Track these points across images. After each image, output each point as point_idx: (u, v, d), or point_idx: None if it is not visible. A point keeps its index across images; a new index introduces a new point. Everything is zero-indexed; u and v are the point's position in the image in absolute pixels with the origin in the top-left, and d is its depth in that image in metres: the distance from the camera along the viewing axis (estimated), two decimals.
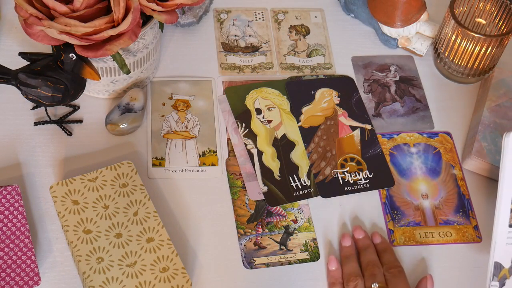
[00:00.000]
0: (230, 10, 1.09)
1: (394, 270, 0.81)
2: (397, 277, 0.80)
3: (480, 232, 0.89)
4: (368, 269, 0.81)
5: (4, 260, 0.77)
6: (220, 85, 0.99)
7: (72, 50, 0.84)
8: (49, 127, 0.92)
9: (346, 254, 0.84)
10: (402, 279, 0.80)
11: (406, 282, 0.81)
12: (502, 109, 0.97)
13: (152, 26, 0.90)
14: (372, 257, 0.83)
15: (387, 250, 0.84)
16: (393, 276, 0.81)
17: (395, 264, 0.82)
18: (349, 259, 0.84)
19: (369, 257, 0.83)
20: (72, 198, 0.81)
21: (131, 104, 0.92)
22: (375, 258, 0.83)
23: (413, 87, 1.03)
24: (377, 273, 0.81)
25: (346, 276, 0.82)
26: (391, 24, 1.03)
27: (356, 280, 0.80)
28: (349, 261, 0.83)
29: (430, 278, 0.83)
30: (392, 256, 0.84)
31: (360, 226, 0.87)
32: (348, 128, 0.96)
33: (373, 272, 0.81)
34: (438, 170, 0.94)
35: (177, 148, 0.92)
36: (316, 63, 1.04)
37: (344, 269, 0.83)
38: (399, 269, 0.82)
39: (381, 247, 0.85)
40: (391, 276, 0.81)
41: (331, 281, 0.83)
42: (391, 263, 0.82)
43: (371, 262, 0.82)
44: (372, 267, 0.82)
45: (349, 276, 0.81)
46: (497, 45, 0.97)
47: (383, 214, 0.90)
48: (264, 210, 0.88)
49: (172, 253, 0.78)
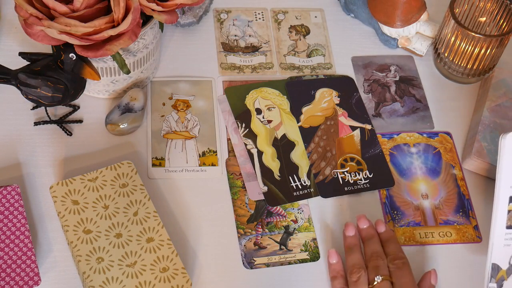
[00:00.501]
0: (230, 10, 1.09)
1: (398, 261, 0.80)
2: (401, 269, 0.79)
3: (480, 232, 0.89)
4: (372, 261, 0.80)
5: (4, 260, 0.77)
6: (220, 85, 0.99)
7: (72, 50, 0.84)
8: (49, 127, 0.92)
9: (349, 245, 0.83)
10: (406, 271, 0.79)
11: (410, 274, 0.79)
12: (502, 109, 0.97)
13: (152, 26, 0.90)
14: (376, 247, 0.82)
15: (391, 239, 0.83)
16: (397, 268, 0.79)
17: (399, 255, 0.81)
18: (353, 250, 0.82)
19: (373, 248, 0.82)
20: (72, 198, 0.81)
21: (131, 104, 0.92)
22: (379, 249, 0.82)
23: (413, 87, 1.03)
24: (380, 265, 0.79)
25: (349, 267, 0.80)
26: (391, 24, 1.03)
27: (360, 272, 0.79)
28: (353, 252, 0.82)
29: (434, 272, 0.82)
30: (397, 247, 0.82)
31: (364, 215, 0.86)
32: (348, 128, 0.96)
33: (377, 264, 0.79)
34: (438, 170, 0.94)
35: (177, 148, 0.92)
36: (316, 63, 1.04)
37: (348, 260, 0.82)
38: (403, 260, 0.80)
39: (385, 236, 0.84)
40: (395, 268, 0.79)
41: (332, 274, 0.82)
42: (395, 254, 0.81)
43: (375, 253, 0.81)
44: (376, 258, 0.80)
45: (352, 268, 0.80)
46: (497, 45, 0.97)
47: (383, 214, 0.90)
48: (264, 210, 0.88)
49: (172, 253, 0.78)
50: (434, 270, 0.82)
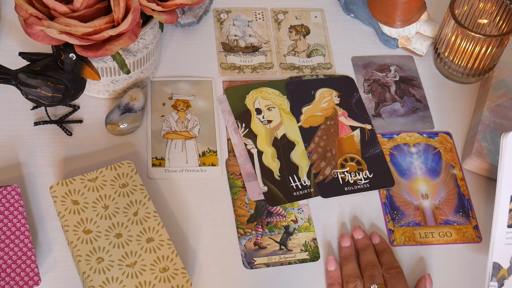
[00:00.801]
0: (230, 10, 1.09)
1: (393, 271, 0.81)
2: (396, 278, 0.81)
3: (480, 232, 0.89)
4: (367, 270, 0.81)
5: (4, 260, 0.77)
6: (220, 85, 0.99)
7: (72, 50, 0.84)
8: (49, 127, 0.92)
9: (345, 255, 0.84)
10: (401, 280, 0.81)
11: (405, 283, 0.81)
12: (502, 109, 0.97)
13: (152, 26, 0.90)
14: (371, 257, 0.83)
15: (386, 250, 0.85)
16: (392, 277, 0.81)
17: (394, 265, 0.82)
18: (348, 260, 0.84)
19: (368, 258, 0.83)
20: (72, 198, 0.81)
21: (131, 104, 0.92)
22: (374, 259, 0.83)
23: (413, 87, 1.03)
24: (376, 274, 0.81)
25: (345, 277, 0.82)
26: (391, 24, 1.03)
27: (355, 281, 0.80)
28: (348, 261, 0.83)
29: (428, 277, 0.83)
30: (391, 257, 0.84)
31: (359, 226, 0.87)
32: (348, 128, 0.96)
33: (372, 273, 0.81)
34: (438, 170, 0.94)
35: (177, 148, 0.92)
36: (316, 63, 1.04)
37: (343, 270, 0.83)
38: (398, 270, 0.82)
39: (380, 247, 0.85)
40: (390, 277, 0.81)
41: (329, 281, 0.83)
42: (390, 263, 0.83)
43: (370, 262, 0.82)
44: (371, 267, 0.82)
45: (348, 277, 0.81)
46: (497, 45, 0.97)
47: (383, 214, 0.90)
48: (264, 210, 0.88)
49: (172, 253, 0.78)
50: (429, 274, 0.83)
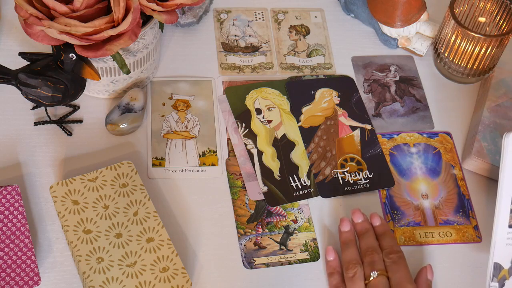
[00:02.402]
0: (230, 10, 1.09)
1: (393, 255, 0.80)
2: (397, 263, 0.79)
3: (480, 232, 0.89)
4: (367, 256, 0.80)
5: (4, 260, 0.77)
6: (220, 85, 0.99)
7: (72, 50, 0.84)
8: (49, 127, 0.92)
9: (345, 240, 0.83)
10: (402, 265, 0.79)
11: (406, 268, 0.79)
12: (502, 109, 0.97)
13: (152, 26, 0.90)
14: (371, 242, 0.82)
15: (386, 233, 0.83)
16: (393, 263, 0.79)
17: (395, 249, 0.81)
18: (348, 245, 0.82)
19: (368, 242, 0.82)
20: (72, 198, 0.81)
21: (131, 104, 0.92)
22: (374, 243, 0.82)
23: (413, 87, 1.03)
24: (376, 260, 0.79)
25: (345, 263, 0.80)
26: (391, 24, 1.03)
27: (355, 267, 0.79)
28: (348, 247, 0.82)
29: (429, 267, 0.82)
30: (392, 240, 0.82)
31: (359, 209, 0.86)
32: (348, 128, 0.96)
33: (373, 259, 0.79)
34: (438, 170, 0.94)
35: (177, 148, 0.92)
36: (316, 63, 1.04)
37: (343, 255, 0.82)
38: (398, 254, 0.80)
39: (380, 230, 0.84)
40: (390, 262, 0.79)
41: (329, 271, 0.82)
42: (391, 247, 0.81)
43: (370, 247, 0.81)
44: (371, 253, 0.80)
45: (348, 264, 0.80)
46: (497, 45, 0.97)
47: (383, 214, 0.90)
48: (264, 210, 0.88)
49: (172, 253, 0.78)
50: (430, 265, 0.82)
